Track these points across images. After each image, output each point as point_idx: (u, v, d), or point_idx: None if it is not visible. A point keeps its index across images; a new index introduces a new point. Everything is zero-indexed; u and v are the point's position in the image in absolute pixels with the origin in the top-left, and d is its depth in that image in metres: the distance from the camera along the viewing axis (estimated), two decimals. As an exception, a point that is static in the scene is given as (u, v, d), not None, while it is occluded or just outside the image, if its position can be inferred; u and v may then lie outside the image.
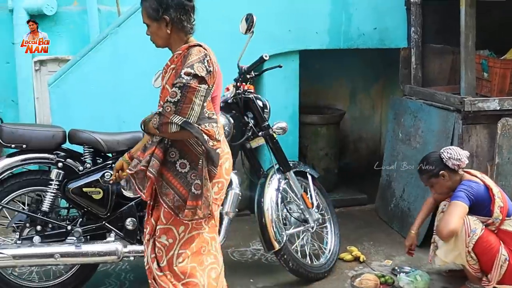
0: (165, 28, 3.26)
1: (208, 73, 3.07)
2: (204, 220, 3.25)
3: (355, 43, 5.79)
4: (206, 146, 3.08)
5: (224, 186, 3.36)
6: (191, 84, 3.00)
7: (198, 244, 3.30)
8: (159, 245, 3.29)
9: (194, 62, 3.06)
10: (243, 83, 4.33)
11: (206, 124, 3.12)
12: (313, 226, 4.55)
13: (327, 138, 6.30)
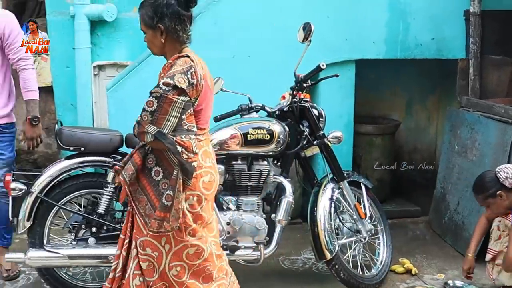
0: (160, 37, 3.25)
1: (190, 86, 3.04)
2: (188, 232, 3.21)
3: (412, 53, 5.73)
4: (179, 158, 3.04)
5: (203, 201, 3.24)
6: (168, 95, 2.99)
7: (194, 257, 3.27)
8: (145, 258, 3.26)
9: (176, 72, 3.05)
10: (299, 92, 4.33)
11: (182, 136, 3.06)
12: (365, 237, 4.52)
13: (381, 149, 6.25)
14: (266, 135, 4.15)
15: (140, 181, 3.21)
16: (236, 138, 4.15)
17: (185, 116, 3.07)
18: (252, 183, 4.22)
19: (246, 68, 5.26)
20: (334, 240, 4.33)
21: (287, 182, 4.26)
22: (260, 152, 4.20)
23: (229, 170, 4.20)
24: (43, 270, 4.19)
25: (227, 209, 4.19)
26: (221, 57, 5.16)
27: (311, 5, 5.37)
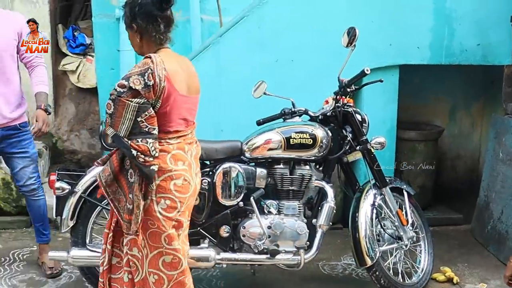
0: (136, 36, 3.26)
1: (145, 87, 3.00)
2: (164, 238, 3.22)
3: (457, 59, 5.67)
4: (135, 162, 3.05)
5: (179, 204, 3.23)
6: (122, 98, 2.98)
7: (171, 267, 3.28)
8: (132, 258, 3.30)
9: (132, 74, 3.03)
10: (342, 97, 4.31)
11: (139, 139, 3.03)
12: (406, 244, 4.46)
13: (424, 155, 6.18)
14: (309, 140, 4.14)
15: (119, 181, 3.23)
16: (279, 142, 4.15)
17: (143, 118, 3.03)
18: (294, 187, 4.21)
19: (289, 72, 5.26)
20: (375, 246, 4.29)
21: (329, 187, 4.25)
22: (302, 157, 4.19)
23: (271, 174, 4.20)
24: (85, 269, 4.24)
25: (268, 213, 4.19)
26: (264, 61, 5.19)
27: (355, 9, 5.35)
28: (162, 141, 3.16)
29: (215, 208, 4.16)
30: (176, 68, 3.20)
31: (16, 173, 4.61)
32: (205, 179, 4.06)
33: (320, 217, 4.21)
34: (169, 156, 3.19)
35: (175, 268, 3.28)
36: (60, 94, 6.88)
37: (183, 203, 3.25)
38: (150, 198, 3.17)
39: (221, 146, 4.21)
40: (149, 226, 3.21)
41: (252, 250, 4.18)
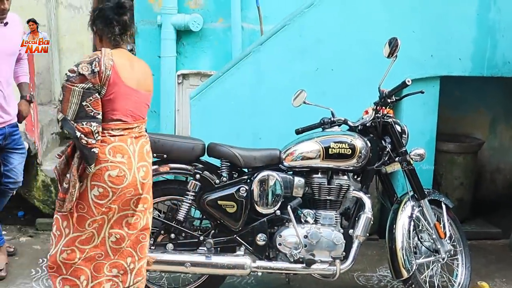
0: (96, 37, 3.61)
1: (92, 73, 3.29)
2: (88, 224, 3.45)
3: (500, 71, 5.59)
4: (77, 142, 3.29)
5: (111, 194, 3.42)
6: (67, 84, 3.28)
7: (85, 242, 3.49)
8: (51, 235, 3.57)
9: (82, 62, 3.34)
10: (382, 107, 4.29)
11: (84, 122, 3.28)
12: (444, 257, 4.42)
13: (463, 168, 6.12)
14: (348, 150, 4.13)
15: (69, 166, 3.42)
16: (317, 151, 4.14)
17: (89, 103, 3.30)
18: (332, 197, 4.21)
19: (329, 81, 5.25)
20: (412, 259, 4.26)
21: (366, 198, 4.23)
22: (340, 167, 4.18)
23: (309, 183, 4.20)
24: (122, 273, 4.28)
25: (305, 222, 4.20)
26: (304, 70, 5.18)
27: (396, 19, 5.32)
28: (104, 132, 3.40)
29: (252, 216, 4.18)
30: (124, 62, 3.47)
31: (11, 169, 4.77)
32: (243, 186, 4.09)
33: (357, 227, 4.20)
34: (108, 147, 3.40)
35: (89, 242, 3.51)
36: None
37: (116, 193, 3.44)
38: (85, 183, 3.39)
39: (259, 154, 4.22)
40: (78, 210, 3.43)
41: (288, 259, 4.18)
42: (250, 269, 4.12)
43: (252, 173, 4.19)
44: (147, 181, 3.60)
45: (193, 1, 6.10)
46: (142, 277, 3.72)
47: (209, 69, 6.11)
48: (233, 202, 4.11)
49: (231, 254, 4.19)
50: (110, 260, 3.56)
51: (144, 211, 3.62)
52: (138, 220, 3.60)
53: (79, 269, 3.51)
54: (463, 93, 6.46)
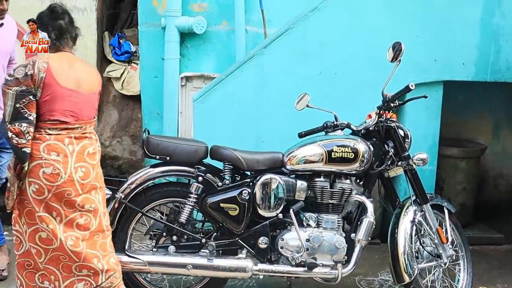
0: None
1: (25, 76, 3.40)
2: (37, 217, 3.53)
3: (503, 76, 5.59)
4: (9, 143, 3.43)
5: (46, 191, 3.50)
6: (4, 88, 3.43)
7: (48, 242, 3.57)
8: (14, 233, 3.66)
9: (19, 66, 3.50)
10: (386, 111, 4.29)
11: (16, 123, 3.40)
12: (445, 262, 4.40)
13: (466, 172, 6.12)
14: (351, 154, 4.13)
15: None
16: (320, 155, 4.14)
17: (22, 105, 3.41)
18: (334, 201, 4.20)
19: (332, 85, 5.25)
20: (414, 263, 4.25)
21: (369, 202, 4.22)
22: (343, 171, 4.18)
23: (312, 187, 4.20)
24: (123, 274, 4.27)
25: (307, 226, 4.19)
26: (308, 74, 5.19)
27: (400, 23, 5.32)
28: (41, 130, 3.50)
29: (254, 219, 4.18)
30: (62, 65, 3.59)
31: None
32: (245, 189, 4.09)
33: (359, 231, 4.19)
34: (43, 145, 3.50)
35: (51, 243, 3.57)
36: (104, 101, 6.96)
37: (51, 190, 3.51)
38: (25, 180, 3.50)
39: (262, 157, 4.22)
40: (25, 205, 3.54)
41: (290, 262, 4.17)
42: (251, 272, 4.12)
43: (254, 176, 4.19)
44: (88, 181, 3.65)
45: (197, 4, 6.13)
46: (114, 271, 3.76)
47: (212, 72, 6.13)
48: (235, 205, 4.11)
49: (233, 257, 4.19)
50: (76, 262, 3.62)
51: (93, 212, 3.68)
52: (89, 221, 3.66)
53: (47, 269, 3.61)
54: (466, 98, 6.47)
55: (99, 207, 3.72)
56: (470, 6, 5.47)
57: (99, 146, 3.83)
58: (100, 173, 3.80)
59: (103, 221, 3.75)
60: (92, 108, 3.73)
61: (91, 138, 3.73)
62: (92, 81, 3.76)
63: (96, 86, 3.79)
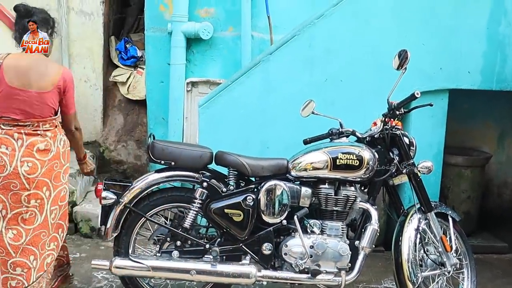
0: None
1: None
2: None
3: (509, 85, 5.59)
4: None
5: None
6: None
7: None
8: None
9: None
10: (391, 119, 4.29)
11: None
12: (449, 271, 4.38)
13: (470, 181, 6.11)
14: (356, 161, 4.13)
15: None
16: (325, 162, 4.14)
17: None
18: (338, 208, 4.20)
19: (338, 92, 5.26)
20: (418, 271, 4.25)
21: (373, 210, 4.21)
22: (348, 178, 4.18)
23: (316, 193, 4.19)
24: (126, 279, 4.29)
25: (311, 233, 4.19)
26: (313, 80, 5.20)
27: (406, 31, 5.33)
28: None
29: (258, 225, 4.17)
30: (16, 64, 3.81)
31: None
32: (250, 195, 4.09)
33: (363, 239, 4.18)
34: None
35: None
36: (110, 105, 6.98)
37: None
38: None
39: (267, 163, 4.22)
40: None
41: (293, 269, 4.17)
42: (255, 278, 4.11)
43: (259, 182, 4.19)
44: (35, 176, 3.78)
45: (203, 10, 6.15)
46: (43, 272, 3.89)
47: (218, 77, 6.15)
48: (239, 210, 4.11)
49: (237, 262, 4.18)
50: (12, 258, 3.73)
51: (39, 207, 3.80)
52: (34, 215, 3.77)
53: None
54: (471, 107, 6.47)
55: (46, 205, 3.84)
56: (477, 15, 5.47)
57: (60, 144, 3.96)
58: (58, 170, 3.93)
59: (49, 219, 3.86)
60: (45, 106, 3.87)
61: (45, 136, 3.86)
62: (45, 81, 3.87)
63: (49, 85, 3.89)
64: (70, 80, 4.02)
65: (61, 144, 3.97)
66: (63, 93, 3.97)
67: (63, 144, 4.01)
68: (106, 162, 6.91)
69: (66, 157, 4.05)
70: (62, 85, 3.94)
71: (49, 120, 3.89)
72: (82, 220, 5.76)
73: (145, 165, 6.75)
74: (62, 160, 4.00)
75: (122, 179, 5.65)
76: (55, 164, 3.92)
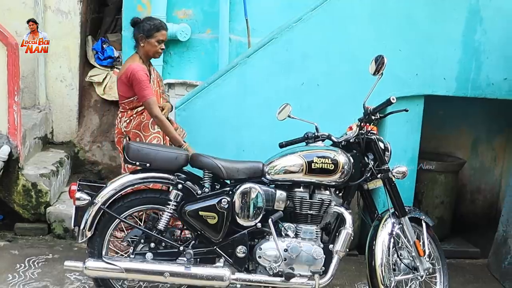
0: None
1: None
2: None
3: (483, 92, 5.65)
4: None
5: None
6: None
7: None
8: None
9: None
10: (367, 124, 4.31)
11: None
12: (422, 275, 4.40)
13: (444, 186, 6.17)
14: (331, 165, 4.14)
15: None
16: (300, 165, 4.15)
17: None
18: (313, 211, 4.21)
19: (314, 96, 5.28)
20: (391, 275, 4.26)
21: (347, 214, 4.23)
22: (323, 182, 4.19)
23: (291, 197, 4.20)
24: (99, 280, 4.24)
25: (286, 236, 4.19)
26: (290, 84, 5.21)
27: (383, 37, 5.37)
28: None
29: (233, 228, 4.16)
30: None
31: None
32: (224, 198, 4.08)
33: (338, 243, 4.19)
34: None
35: None
36: (85, 105, 6.94)
37: None
38: None
39: (242, 166, 4.22)
40: None
41: (267, 272, 4.16)
42: (229, 281, 4.10)
43: (234, 185, 4.18)
44: None
45: (181, 11, 6.13)
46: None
47: (195, 79, 6.13)
48: (214, 213, 4.10)
49: (211, 265, 4.17)
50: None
51: None
52: None
53: None
54: (446, 113, 6.52)
55: None
56: (453, 22, 5.53)
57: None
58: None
59: None
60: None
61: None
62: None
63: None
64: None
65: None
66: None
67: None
68: (81, 163, 6.86)
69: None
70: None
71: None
72: (56, 221, 5.72)
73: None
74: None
75: (97, 180, 5.63)
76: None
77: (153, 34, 4.69)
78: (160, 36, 4.73)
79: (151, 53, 4.75)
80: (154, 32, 4.70)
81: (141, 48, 4.73)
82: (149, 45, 4.70)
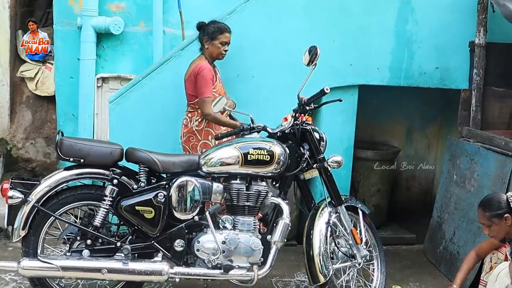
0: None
1: None
2: None
3: (416, 81, 5.76)
4: None
5: None
6: None
7: None
8: None
9: None
10: (301, 114, 4.33)
11: None
12: (360, 262, 4.48)
13: (380, 175, 6.26)
14: (267, 156, 4.15)
15: None
16: (236, 157, 4.15)
17: None
18: (250, 203, 4.21)
19: (249, 88, 5.29)
20: (329, 264, 4.30)
21: (284, 204, 4.25)
22: (259, 173, 4.20)
23: (228, 189, 4.20)
24: (35, 280, 4.17)
25: (224, 228, 4.19)
26: (225, 76, 5.19)
27: (318, 28, 5.41)
28: None
29: (170, 222, 4.14)
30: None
31: None
32: (161, 192, 4.05)
33: (275, 233, 4.20)
34: None
35: None
36: (17, 101, 6.78)
37: None
38: None
39: (178, 159, 4.20)
40: None
41: (206, 265, 4.15)
42: (167, 275, 4.07)
43: (170, 179, 4.15)
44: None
45: (114, 4, 6.04)
46: None
47: (129, 73, 6.06)
48: (150, 207, 4.06)
49: (149, 260, 4.13)
50: None
51: None
52: None
53: None
54: (380, 102, 6.61)
55: None
56: (386, 13, 5.62)
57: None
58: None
59: None
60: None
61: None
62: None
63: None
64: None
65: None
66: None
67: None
68: (14, 160, 6.71)
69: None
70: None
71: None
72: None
73: (55, 163, 6.58)
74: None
75: (31, 177, 5.50)
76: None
77: (217, 36, 4.89)
78: (223, 38, 4.91)
79: (215, 55, 4.93)
80: (218, 35, 4.89)
81: (206, 50, 4.94)
82: (213, 47, 4.90)
